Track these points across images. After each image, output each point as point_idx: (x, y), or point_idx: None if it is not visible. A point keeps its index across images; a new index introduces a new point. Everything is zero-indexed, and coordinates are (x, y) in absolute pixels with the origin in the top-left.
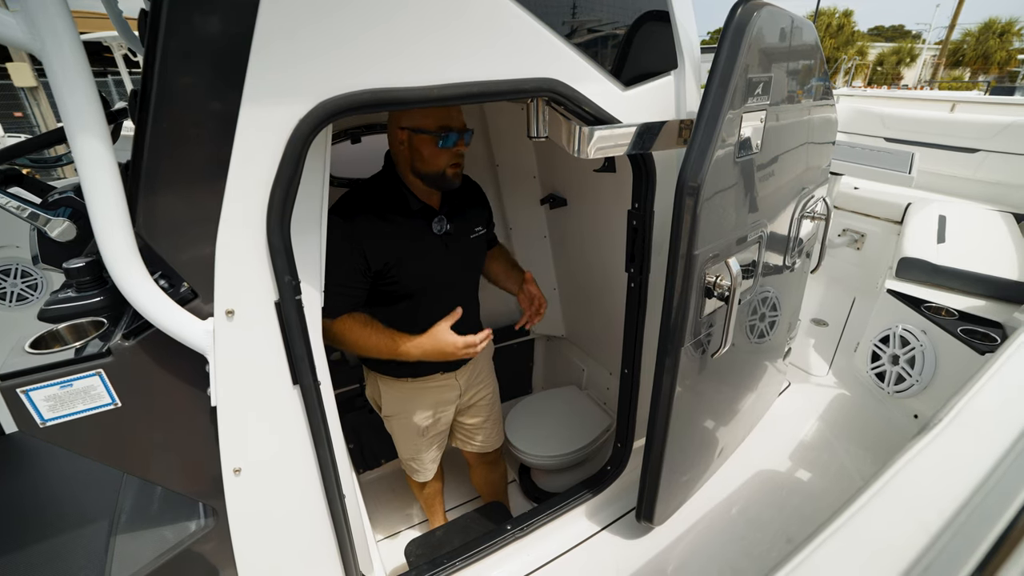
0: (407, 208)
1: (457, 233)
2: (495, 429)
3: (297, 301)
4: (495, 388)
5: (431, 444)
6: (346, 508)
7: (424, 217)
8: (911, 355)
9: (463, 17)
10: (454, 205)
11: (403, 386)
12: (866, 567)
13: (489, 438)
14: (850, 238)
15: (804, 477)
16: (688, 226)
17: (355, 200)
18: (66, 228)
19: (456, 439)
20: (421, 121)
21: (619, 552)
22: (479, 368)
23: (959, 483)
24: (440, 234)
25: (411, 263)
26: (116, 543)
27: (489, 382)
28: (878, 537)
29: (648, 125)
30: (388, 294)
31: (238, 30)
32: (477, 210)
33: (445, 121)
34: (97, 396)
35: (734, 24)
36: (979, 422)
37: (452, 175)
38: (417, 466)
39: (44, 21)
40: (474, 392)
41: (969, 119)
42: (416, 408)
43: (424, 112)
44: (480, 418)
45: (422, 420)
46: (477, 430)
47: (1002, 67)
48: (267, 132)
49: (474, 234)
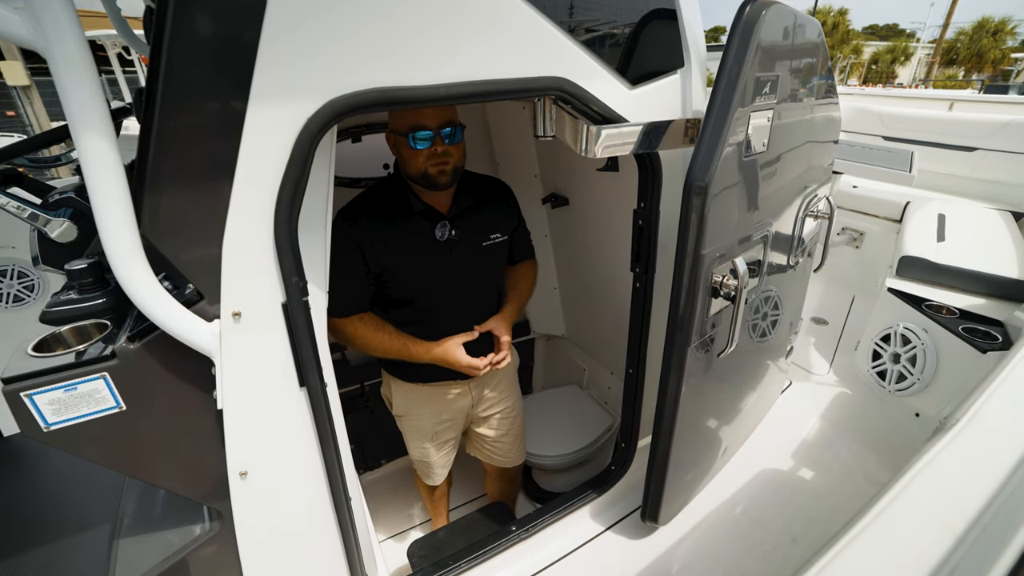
0: (409, 211)
1: (465, 239)
2: (515, 445)
3: (304, 302)
4: (516, 403)
5: (440, 449)
6: (352, 510)
7: (428, 221)
8: (912, 353)
9: (473, 16)
10: (467, 209)
11: (414, 388)
12: (891, 570)
13: (509, 454)
14: (849, 237)
15: (807, 476)
16: (695, 225)
17: (361, 201)
18: (66, 229)
19: (474, 448)
20: (395, 122)
21: (624, 552)
22: (497, 380)
23: (981, 484)
24: (443, 240)
25: (410, 268)
26: (119, 547)
27: (509, 395)
28: (902, 540)
29: (655, 124)
30: (392, 297)
31: (245, 26)
32: (497, 215)
33: (416, 120)
34: (102, 399)
35: (742, 23)
36: (996, 423)
37: (436, 174)
38: (426, 469)
39: (48, 18)
40: (490, 404)
41: (967, 118)
42: (426, 412)
43: (397, 113)
44: (499, 431)
45: (432, 424)
46: (496, 443)
47: (995, 65)
48: (275, 131)
49: (488, 241)
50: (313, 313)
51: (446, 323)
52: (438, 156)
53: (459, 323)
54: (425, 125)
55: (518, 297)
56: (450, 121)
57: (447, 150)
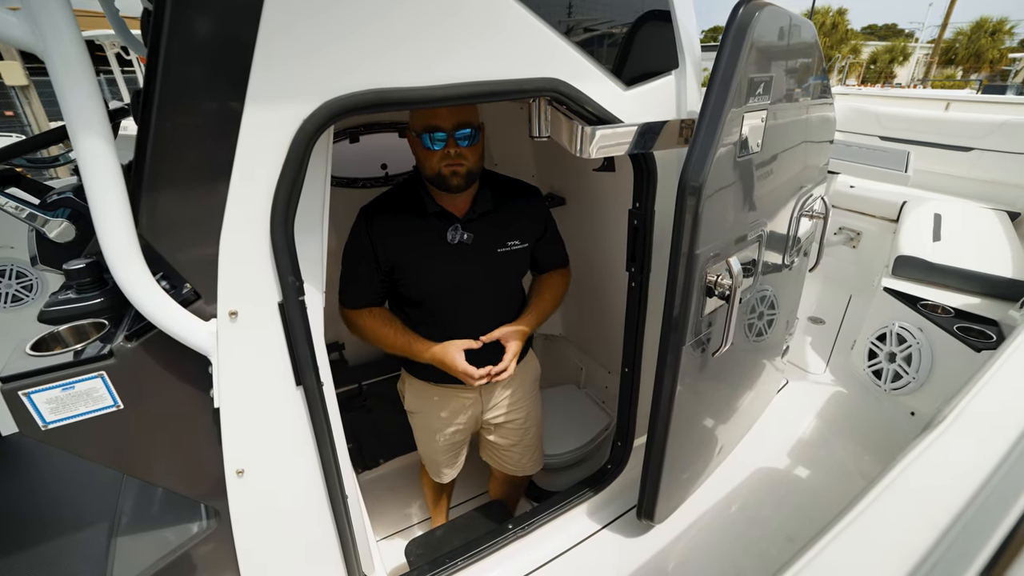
0: (423, 211)
1: (478, 244)
2: (527, 456)
3: (300, 302)
4: (531, 412)
5: (447, 451)
6: (349, 509)
7: (440, 222)
8: (908, 352)
9: (469, 17)
10: (484, 213)
11: (424, 387)
12: (874, 565)
13: (519, 464)
14: (846, 236)
15: (803, 475)
16: (690, 225)
17: (382, 199)
18: (65, 229)
19: (485, 454)
20: (413, 121)
21: (620, 550)
22: (512, 390)
23: (964, 481)
24: (454, 243)
25: (418, 268)
26: (117, 545)
27: (524, 406)
28: (886, 535)
29: (649, 125)
30: (404, 296)
31: (242, 27)
32: (519, 222)
33: (429, 120)
34: (99, 398)
35: (736, 24)
36: (982, 420)
37: (449, 176)
38: (434, 467)
39: (46, 19)
40: (502, 413)
41: (964, 118)
42: (435, 411)
43: (414, 112)
44: (509, 441)
45: (440, 424)
46: (506, 452)
47: (993, 65)
48: (272, 131)
49: (505, 248)
50: (309, 313)
51: (456, 326)
52: (451, 158)
53: (470, 327)
54: (439, 126)
55: (538, 307)
56: (466, 123)
57: (461, 152)
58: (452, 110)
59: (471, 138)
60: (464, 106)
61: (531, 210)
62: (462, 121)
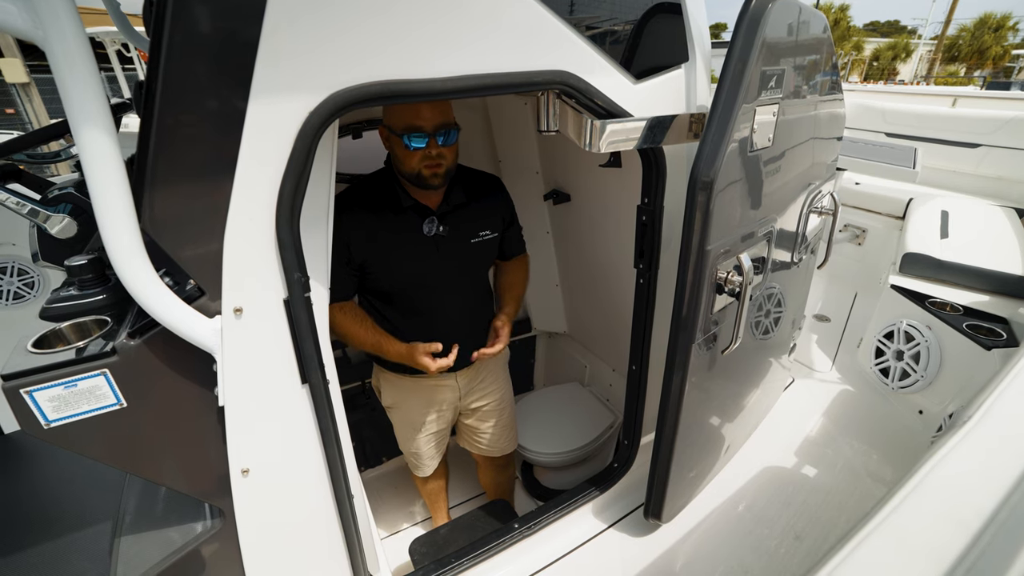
0: (397, 205)
1: (453, 236)
2: (504, 434)
3: (306, 298)
4: (505, 394)
5: (429, 441)
6: (354, 507)
7: (416, 216)
8: (916, 351)
9: (477, 9)
10: (458, 205)
11: (400, 380)
12: (906, 566)
13: (496, 443)
14: (851, 233)
15: (810, 473)
16: (700, 221)
17: (350, 194)
18: (66, 225)
19: (463, 440)
20: (392, 120)
21: (627, 550)
22: (485, 373)
23: (995, 481)
24: (431, 236)
25: (393, 262)
26: (120, 544)
27: (497, 388)
28: (915, 538)
29: (659, 119)
30: (375, 289)
31: (246, 20)
32: (489, 212)
33: (412, 120)
34: (102, 396)
35: (748, 16)
36: (1009, 420)
37: (429, 176)
38: (416, 460)
39: (47, 9)
40: (478, 396)
41: (971, 114)
42: (413, 403)
43: (393, 110)
44: (486, 423)
45: (419, 416)
46: (484, 434)
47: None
48: (277, 125)
49: (477, 238)
50: (315, 309)
51: (431, 316)
52: (432, 158)
53: (444, 317)
54: (421, 127)
55: (516, 294)
56: (445, 124)
57: (441, 152)
58: (434, 111)
59: (450, 137)
60: (445, 106)
61: (498, 200)
62: (442, 122)
